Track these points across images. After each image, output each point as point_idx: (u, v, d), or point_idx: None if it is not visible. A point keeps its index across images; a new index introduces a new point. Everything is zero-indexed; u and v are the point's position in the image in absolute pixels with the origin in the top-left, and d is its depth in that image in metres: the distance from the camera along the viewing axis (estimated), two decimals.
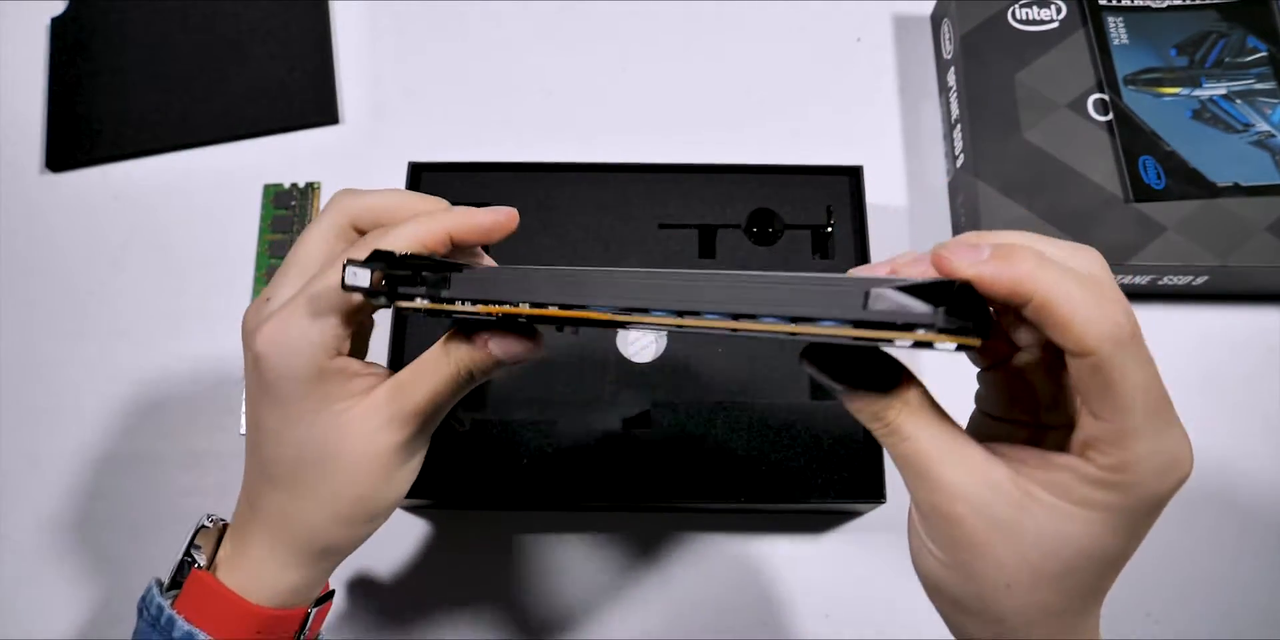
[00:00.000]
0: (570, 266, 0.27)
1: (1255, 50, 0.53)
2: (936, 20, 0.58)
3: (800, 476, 0.44)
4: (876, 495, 0.44)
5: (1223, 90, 0.52)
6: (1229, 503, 0.48)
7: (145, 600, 0.32)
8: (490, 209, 0.30)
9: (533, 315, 0.27)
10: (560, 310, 0.26)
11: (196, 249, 0.54)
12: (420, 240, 0.29)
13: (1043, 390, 0.27)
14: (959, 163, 0.53)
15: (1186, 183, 0.49)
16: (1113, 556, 0.24)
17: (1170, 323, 0.51)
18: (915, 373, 0.25)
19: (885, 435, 0.25)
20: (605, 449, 0.45)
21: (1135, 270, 0.49)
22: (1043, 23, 0.54)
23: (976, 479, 0.24)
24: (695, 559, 0.47)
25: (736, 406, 0.46)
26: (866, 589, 0.46)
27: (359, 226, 0.31)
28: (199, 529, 0.33)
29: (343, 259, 0.27)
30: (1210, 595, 0.46)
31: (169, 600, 0.32)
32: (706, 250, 0.49)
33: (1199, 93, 0.52)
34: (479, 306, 0.27)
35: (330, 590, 0.36)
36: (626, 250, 0.49)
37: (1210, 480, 0.48)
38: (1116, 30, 0.53)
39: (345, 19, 0.60)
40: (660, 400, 0.46)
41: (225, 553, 0.33)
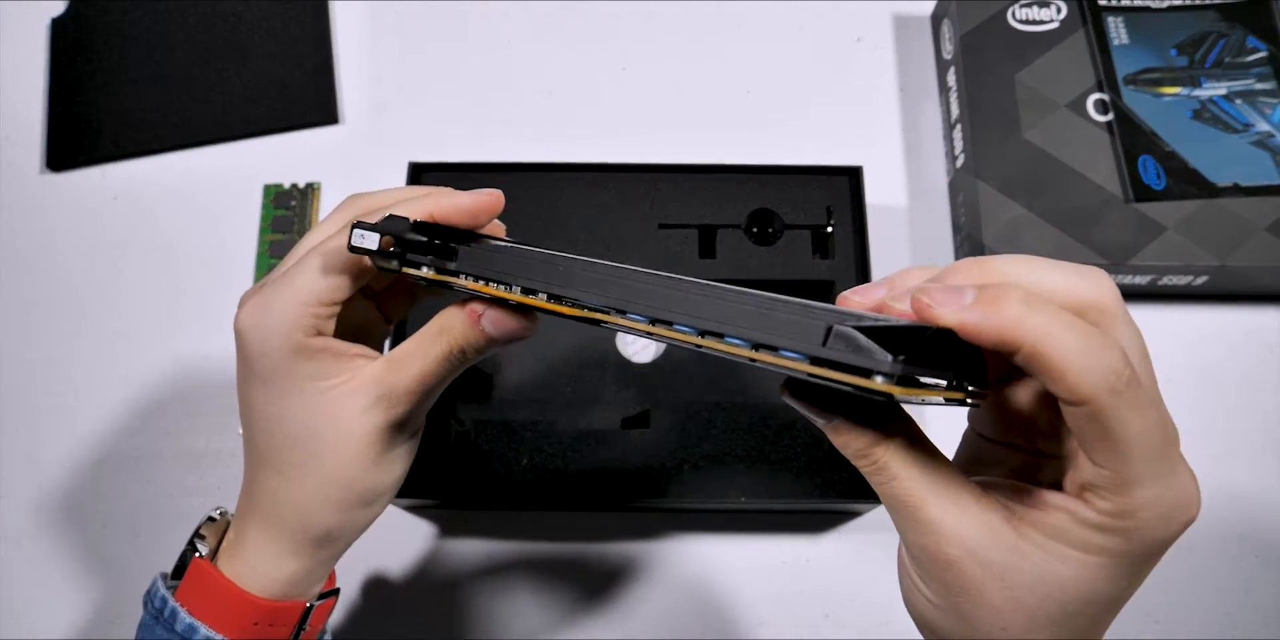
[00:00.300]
0: (567, 254, 0.27)
1: (1255, 50, 0.53)
2: (936, 20, 0.58)
3: (800, 476, 0.44)
4: (876, 495, 0.44)
5: (1223, 90, 0.52)
6: (1229, 503, 0.48)
7: (150, 593, 0.32)
8: (474, 191, 0.30)
9: (522, 303, 0.27)
10: (548, 302, 0.26)
11: (196, 249, 0.54)
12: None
13: (1040, 417, 0.26)
14: (959, 163, 0.53)
15: (1186, 183, 0.49)
16: (1111, 600, 0.23)
17: (1170, 323, 0.51)
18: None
19: (873, 474, 0.24)
20: (605, 449, 0.45)
21: (1135, 270, 0.49)
22: (1043, 23, 0.54)
23: (969, 521, 0.23)
24: (695, 559, 0.47)
25: (736, 406, 0.46)
26: (866, 589, 0.46)
27: None
28: (205, 521, 0.34)
29: (349, 223, 0.28)
30: (1210, 595, 0.46)
31: (172, 591, 0.32)
32: (706, 250, 0.49)
33: (1199, 93, 0.52)
34: (478, 284, 0.27)
35: (335, 588, 0.36)
36: (626, 250, 0.49)
37: (1210, 480, 0.48)
38: (1116, 30, 0.53)
39: (345, 19, 0.60)
40: (660, 400, 0.46)
41: (226, 543, 0.33)
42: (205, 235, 0.54)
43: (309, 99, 0.57)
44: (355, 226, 0.28)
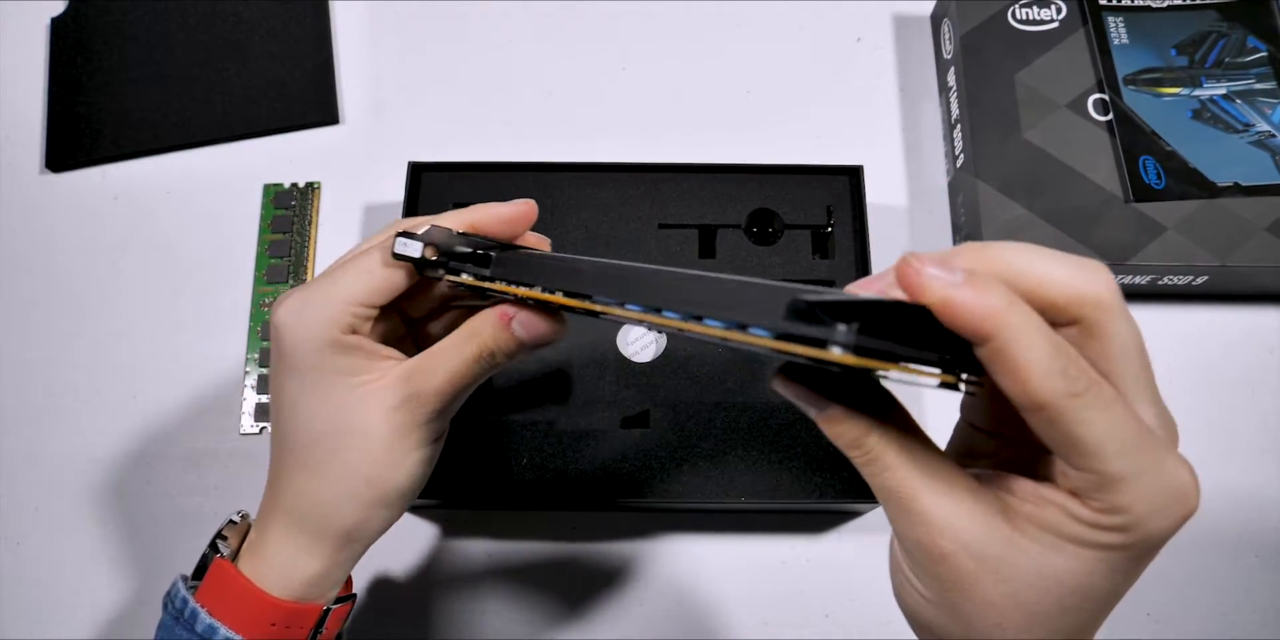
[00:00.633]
0: (590, 258, 0.27)
1: (1255, 50, 0.53)
2: (936, 20, 0.58)
3: (800, 476, 0.44)
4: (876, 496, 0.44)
5: (1223, 90, 0.52)
6: (1229, 502, 0.48)
7: (170, 594, 0.33)
8: (511, 201, 0.31)
9: (528, 297, 0.28)
10: (564, 297, 0.27)
11: (196, 249, 0.54)
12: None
13: None
14: (959, 163, 0.53)
15: (1186, 183, 0.49)
16: (1109, 595, 0.23)
17: (1170, 323, 0.51)
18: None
19: (864, 464, 0.24)
20: (605, 449, 0.45)
21: (1135, 270, 0.49)
22: (1043, 23, 0.54)
23: (964, 514, 0.22)
24: (695, 559, 0.47)
25: (736, 406, 0.46)
26: (866, 589, 0.46)
27: None
28: (227, 523, 0.34)
29: (393, 231, 0.30)
30: (1210, 595, 0.46)
31: (192, 592, 0.32)
32: (706, 250, 0.49)
33: (1199, 93, 0.52)
34: (508, 287, 0.29)
35: (352, 594, 0.36)
36: (626, 250, 0.49)
37: (1209, 480, 0.48)
38: (1116, 30, 0.53)
39: (345, 19, 0.60)
40: (660, 400, 0.46)
41: (247, 543, 0.33)
42: (205, 235, 0.54)
43: (309, 99, 0.57)
44: (399, 235, 0.29)
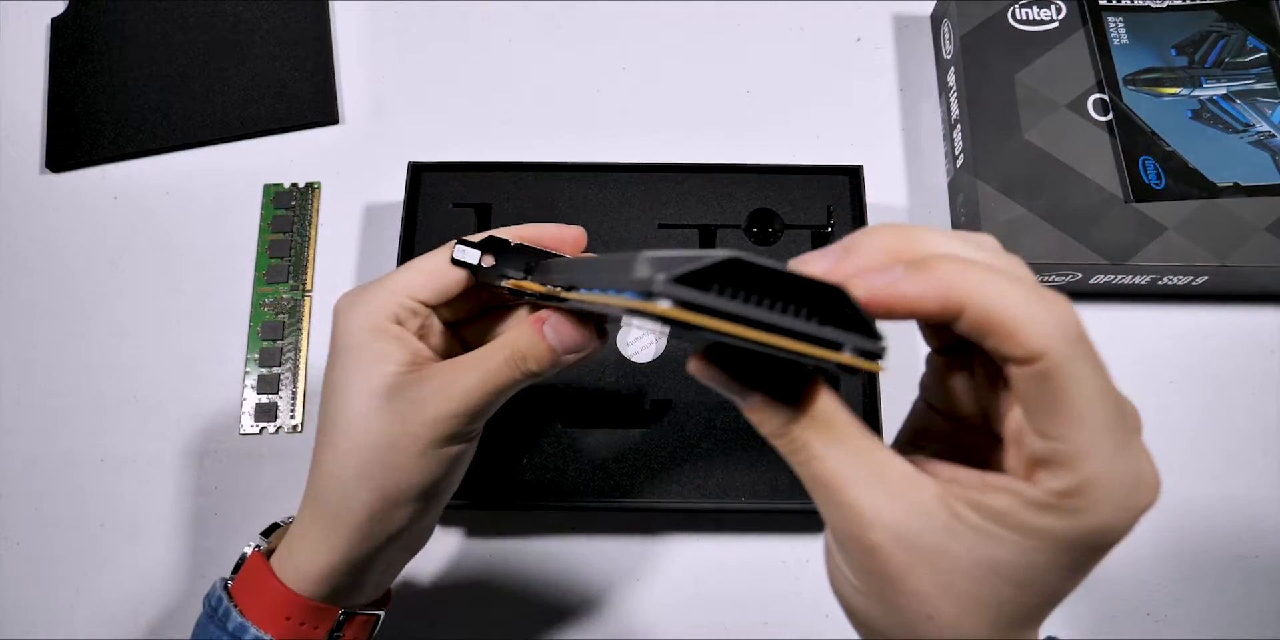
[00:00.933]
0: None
1: (1255, 50, 0.53)
2: (936, 20, 0.58)
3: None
4: None
5: (1223, 90, 0.52)
6: (1229, 503, 0.48)
7: (210, 593, 0.34)
8: (558, 225, 0.34)
9: (517, 287, 0.31)
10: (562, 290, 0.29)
11: (196, 249, 0.54)
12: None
13: (985, 396, 0.24)
14: (959, 163, 0.53)
15: (1186, 183, 0.49)
16: (1050, 591, 0.21)
17: (1170, 323, 0.51)
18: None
19: (790, 453, 0.23)
20: (605, 449, 0.45)
21: (1135, 270, 0.49)
22: (1043, 23, 0.54)
23: (897, 503, 0.21)
24: (695, 559, 0.47)
25: (736, 406, 0.46)
26: None
27: None
28: (271, 526, 0.36)
29: (453, 241, 0.32)
30: (1210, 595, 0.46)
31: (228, 587, 0.33)
32: None
33: (1199, 93, 0.52)
34: (535, 285, 0.31)
35: (380, 610, 0.37)
36: (626, 250, 0.49)
37: (1209, 481, 0.48)
38: (1116, 30, 0.53)
39: (345, 19, 0.60)
40: (660, 400, 0.46)
41: (283, 536, 0.34)
42: (205, 235, 0.54)
43: (309, 99, 0.57)
44: (458, 242, 0.32)
